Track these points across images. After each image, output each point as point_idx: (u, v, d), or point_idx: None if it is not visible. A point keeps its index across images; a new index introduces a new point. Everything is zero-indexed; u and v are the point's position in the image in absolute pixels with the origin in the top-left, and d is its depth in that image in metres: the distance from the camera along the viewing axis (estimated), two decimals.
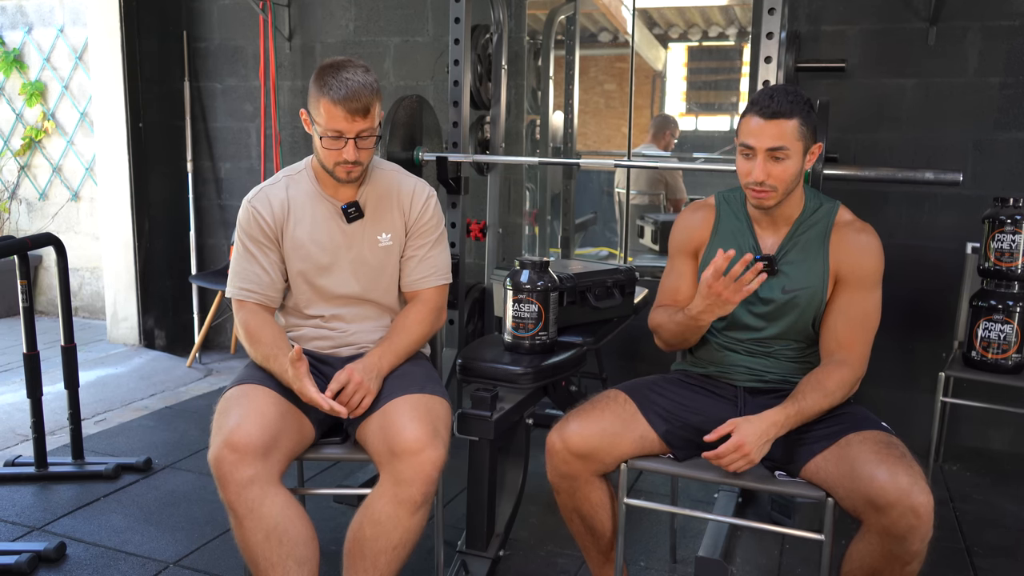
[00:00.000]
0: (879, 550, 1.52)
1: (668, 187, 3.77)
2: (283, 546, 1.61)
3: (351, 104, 1.73)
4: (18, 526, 2.41)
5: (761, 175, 1.68)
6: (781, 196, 1.72)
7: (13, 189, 5.17)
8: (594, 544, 1.85)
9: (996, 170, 3.02)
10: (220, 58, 4.19)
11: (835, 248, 1.75)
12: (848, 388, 1.70)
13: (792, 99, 1.67)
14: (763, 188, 1.70)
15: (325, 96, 1.74)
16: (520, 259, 2.12)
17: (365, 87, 1.74)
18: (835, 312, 1.74)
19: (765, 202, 1.72)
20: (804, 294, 1.75)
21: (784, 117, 1.66)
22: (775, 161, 1.67)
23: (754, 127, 1.68)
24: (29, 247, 2.54)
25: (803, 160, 1.71)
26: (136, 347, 4.30)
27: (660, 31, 3.77)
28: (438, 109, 3.20)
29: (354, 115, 1.74)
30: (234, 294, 1.89)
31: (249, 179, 4.18)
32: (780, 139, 1.66)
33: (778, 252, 1.79)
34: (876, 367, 3.12)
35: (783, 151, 1.67)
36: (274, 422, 1.68)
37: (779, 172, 1.68)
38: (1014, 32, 2.94)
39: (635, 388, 1.82)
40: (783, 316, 1.78)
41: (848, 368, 1.70)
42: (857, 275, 1.73)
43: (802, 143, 1.68)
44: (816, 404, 1.65)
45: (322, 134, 1.77)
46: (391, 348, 1.86)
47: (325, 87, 1.74)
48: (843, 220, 1.78)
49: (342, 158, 1.78)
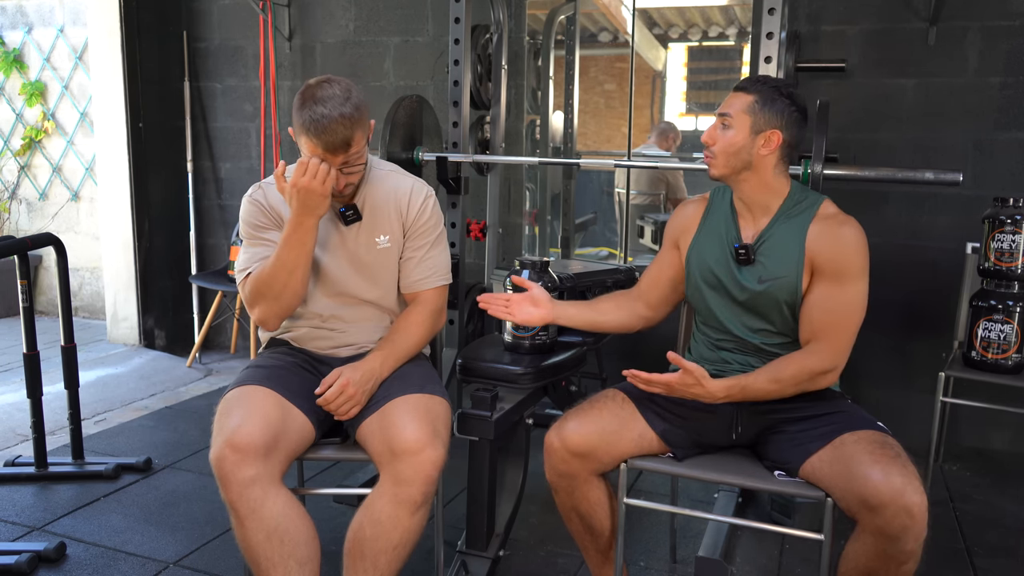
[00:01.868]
0: (874, 550, 1.52)
1: (669, 187, 3.77)
2: (284, 546, 1.61)
3: (328, 141, 1.69)
4: (18, 526, 2.41)
5: (705, 136, 1.79)
6: (722, 168, 1.77)
7: (13, 189, 5.17)
8: (593, 543, 1.86)
9: (996, 170, 3.02)
10: (220, 58, 4.19)
11: (813, 239, 1.74)
12: (807, 377, 1.69)
13: (760, 80, 1.78)
14: (707, 152, 1.79)
15: (303, 133, 1.71)
16: (520, 259, 2.12)
17: (342, 121, 1.68)
18: (811, 303, 1.74)
19: (710, 169, 1.80)
20: (778, 283, 1.75)
21: (742, 91, 1.77)
22: (722, 128, 1.77)
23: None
24: (29, 247, 2.54)
25: (750, 138, 1.74)
26: (136, 347, 4.31)
27: (660, 31, 3.78)
28: (438, 109, 3.20)
29: (333, 152, 1.71)
30: (243, 274, 1.84)
31: (249, 179, 4.18)
32: (727, 107, 1.76)
33: (756, 242, 1.79)
34: (876, 367, 3.16)
35: (727, 118, 1.76)
36: (275, 422, 1.68)
37: (720, 139, 1.76)
38: (1014, 32, 2.94)
39: (634, 388, 1.82)
40: (760, 306, 1.78)
41: (816, 358, 1.70)
42: (834, 267, 1.72)
43: (750, 119, 1.74)
44: (763, 388, 1.68)
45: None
46: (392, 353, 1.85)
47: (302, 121, 1.69)
48: (825, 213, 1.77)
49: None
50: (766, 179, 1.77)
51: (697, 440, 1.77)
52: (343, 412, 1.75)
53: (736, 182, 1.79)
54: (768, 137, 1.73)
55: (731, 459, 1.77)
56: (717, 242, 1.84)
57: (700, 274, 1.85)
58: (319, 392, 1.75)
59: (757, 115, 1.73)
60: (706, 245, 1.85)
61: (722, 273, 1.81)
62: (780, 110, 1.73)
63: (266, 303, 1.81)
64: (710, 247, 1.84)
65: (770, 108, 1.73)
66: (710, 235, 1.86)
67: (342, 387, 1.74)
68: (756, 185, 1.78)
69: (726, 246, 1.82)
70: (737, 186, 1.80)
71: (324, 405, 1.75)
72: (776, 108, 1.73)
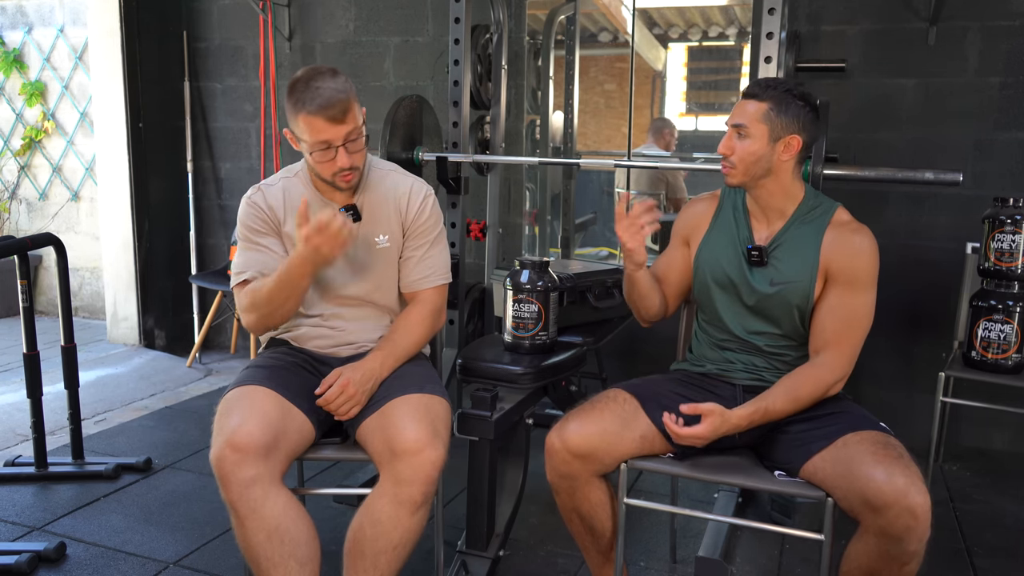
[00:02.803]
0: (876, 550, 1.52)
1: (669, 186, 3.77)
2: (284, 546, 1.61)
3: (329, 112, 1.71)
4: (18, 526, 2.41)
5: (722, 148, 1.76)
6: (742, 176, 1.76)
7: (13, 189, 5.17)
8: (594, 544, 1.85)
9: (996, 170, 3.02)
10: (220, 58, 4.19)
11: (828, 246, 1.75)
12: (823, 392, 1.71)
13: (770, 84, 1.75)
14: (725, 163, 1.76)
15: (302, 111, 1.72)
16: (520, 259, 2.12)
17: (338, 91, 1.71)
18: (824, 310, 1.75)
19: (728, 179, 1.78)
20: (790, 288, 1.76)
21: (754, 99, 1.74)
22: (739, 138, 1.74)
23: (734, 106, 1.78)
24: (29, 247, 2.54)
25: (769, 146, 1.73)
26: (136, 347, 4.31)
27: (660, 31, 3.78)
28: (438, 109, 3.20)
29: (335, 122, 1.72)
30: (239, 278, 1.85)
31: (249, 179, 4.18)
32: (742, 117, 1.74)
33: (770, 244, 1.80)
34: (876, 367, 3.16)
35: (743, 128, 1.74)
36: (275, 422, 1.68)
37: (739, 149, 1.74)
38: (1014, 32, 2.94)
39: (636, 386, 1.82)
40: (770, 309, 1.79)
41: (828, 371, 1.71)
42: (848, 274, 1.73)
43: (767, 127, 1.72)
44: (783, 409, 1.69)
45: (311, 149, 1.76)
46: (392, 352, 1.85)
47: (299, 103, 1.72)
48: (840, 220, 1.79)
49: (337, 167, 1.77)
50: (785, 183, 1.78)
51: None
52: (343, 412, 1.75)
53: (755, 188, 1.79)
54: (788, 143, 1.74)
55: (731, 459, 1.77)
56: (729, 242, 1.84)
57: (711, 273, 1.85)
58: (319, 392, 1.75)
59: (774, 122, 1.72)
60: (718, 245, 1.85)
61: (734, 273, 1.81)
62: (796, 114, 1.72)
63: (258, 316, 1.83)
64: (722, 247, 1.84)
65: (786, 113, 1.72)
66: (721, 235, 1.86)
67: (342, 387, 1.74)
68: (775, 190, 1.78)
69: (738, 247, 1.82)
70: (756, 191, 1.80)
71: (324, 405, 1.75)
72: (792, 113, 1.72)
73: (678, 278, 1.95)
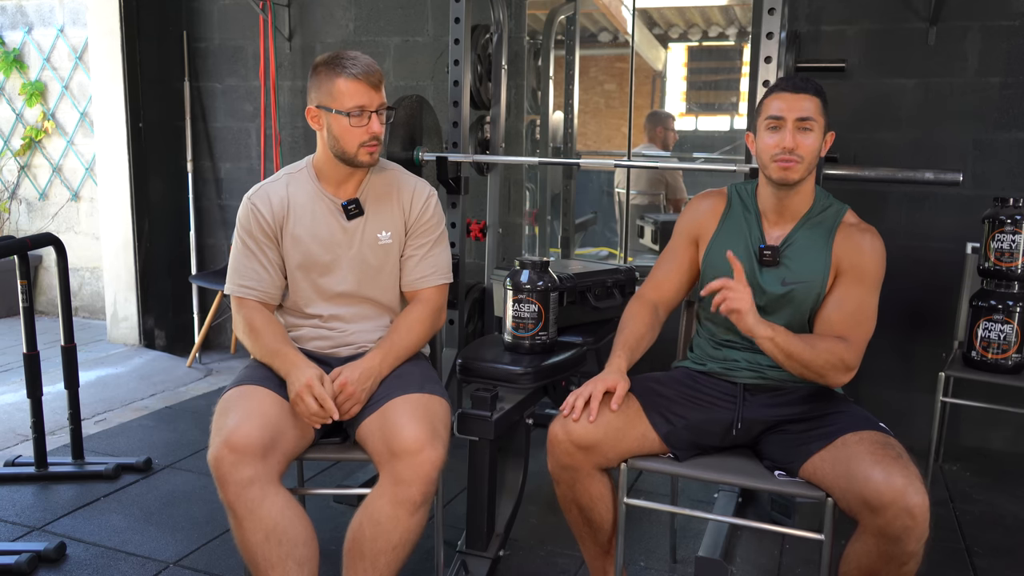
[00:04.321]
0: (875, 551, 1.52)
1: (668, 187, 3.77)
2: (283, 546, 1.61)
3: (370, 77, 1.81)
4: (18, 526, 2.41)
5: (791, 142, 1.71)
6: (805, 171, 1.74)
7: (13, 189, 5.17)
8: (591, 536, 1.85)
9: (996, 170, 3.02)
10: (220, 58, 4.19)
11: (838, 246, 1.77)
12: (835, 361, 1.67)
13: (811, 80, 1.77)
14: (792, 157, 1.72)
15: (341, 75, 1.79)
16: (520, 259, 2.12)
17: (374, 64, 1.84)
18: (831, 304, 1.76)
19: (791, 175, 1.73)
20: (803, 287, 1.76)
21: (810, 93, 1.73)
22: (803, 132, 1.72)
23: (783, 99, 1.74)
24: (29, 247, 2.54)
25: (822, 141, 1.76)
26: (136, 347, 4.31)
27: (660, 31, 3.78)
28: (438, 109, 3.20)
29: (374, 87, 1.81)
30: (234, 291, 1.89)
31: (249, 179, 4.18)
32: (804, 111, 1.72)
33: (782, 244, 1.80)
34: (876, 367, 3.15)
35: (810, 122, 1.72)
36: (274, 423, 1.68)
37: (806, 143, 1.72)
38: (1014, 32, 2.94)
39: (639, 386, 1.81)
40: (780, 309, 1.79)
41: (844, 348, 1.68)
42: (856, 272, 1.75)
43: (823, 121, 1.75)
44: (792, 347, 1.64)
45: (348, 111, 1.79)
46: (392, 351, 1.86)
47: (339, 67, 1.80)
48: (850, 221, 1.81)
49: (368, 135, 1.81)
50: (811, 182, 1.81)
51: (698, 441, 1.77)
52: (343, 411, 1.75)
53: (797, 186, 1.77)
54: (827, 140, 1.78)
55: (731, 459, 1.77)
56: (740, 242, 1.83)
57: (721, 273, 1.84)
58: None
59: (824, 117, 1.75)
60: (728, 245, 1.83)
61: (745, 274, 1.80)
62: (828, 110, 1.76)
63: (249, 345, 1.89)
64: (733, 247, 1.82)
65: (827, 109, 1.76)
66: (731, 234, 1.85)
67: (341, 386, 1.74)
68: (804, 188, 1.79)
69: (750, 247, 1.82)
70: (790, 189, 1.77)
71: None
72: (827, 108, 1.76)
73: (682, 280, 1.94)
